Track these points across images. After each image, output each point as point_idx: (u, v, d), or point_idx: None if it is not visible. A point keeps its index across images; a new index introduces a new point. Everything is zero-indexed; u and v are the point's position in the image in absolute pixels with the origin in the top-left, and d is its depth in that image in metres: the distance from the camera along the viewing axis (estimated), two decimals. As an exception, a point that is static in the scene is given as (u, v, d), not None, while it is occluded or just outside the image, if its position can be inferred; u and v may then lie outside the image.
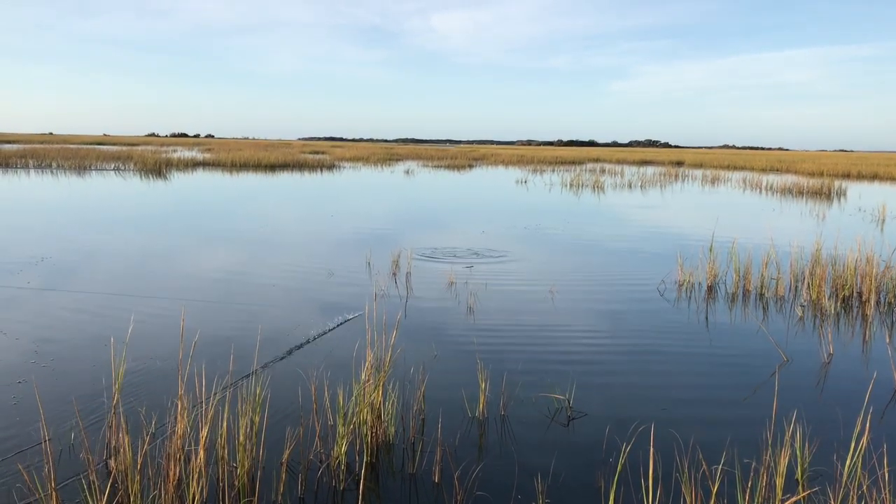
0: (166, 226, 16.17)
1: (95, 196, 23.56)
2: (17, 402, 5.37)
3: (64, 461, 4.48)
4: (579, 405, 5.54)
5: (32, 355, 6.47)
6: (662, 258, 12.61)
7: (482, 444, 4.91)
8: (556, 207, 22.99)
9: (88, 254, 11.90)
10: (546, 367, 6.53)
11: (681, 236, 15.93)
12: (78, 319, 7.75)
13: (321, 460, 4.49)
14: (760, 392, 6.01)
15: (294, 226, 17.00)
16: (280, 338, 7.17)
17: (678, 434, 4.96)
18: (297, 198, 24.79)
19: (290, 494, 4.16)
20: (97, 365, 6.17)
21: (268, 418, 4.81)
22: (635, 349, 7.22)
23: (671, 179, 39.60)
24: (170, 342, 6.90)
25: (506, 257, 12.35)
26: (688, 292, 9.83)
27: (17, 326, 7.38)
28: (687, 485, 3.92)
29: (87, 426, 4.85)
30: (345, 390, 5.09)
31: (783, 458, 4.04)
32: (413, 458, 4.63)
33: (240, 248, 13.02)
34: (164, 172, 34.83)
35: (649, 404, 5.67)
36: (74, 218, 17.19)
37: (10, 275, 9.90)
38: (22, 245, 12.54)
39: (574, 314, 8.60)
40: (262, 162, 42.55)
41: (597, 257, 12.95)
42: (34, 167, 36.56)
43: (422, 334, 7.49)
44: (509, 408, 5.48)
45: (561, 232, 16.42)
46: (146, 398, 5.43)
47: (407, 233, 15.77)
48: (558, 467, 4.52)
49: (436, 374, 6.11)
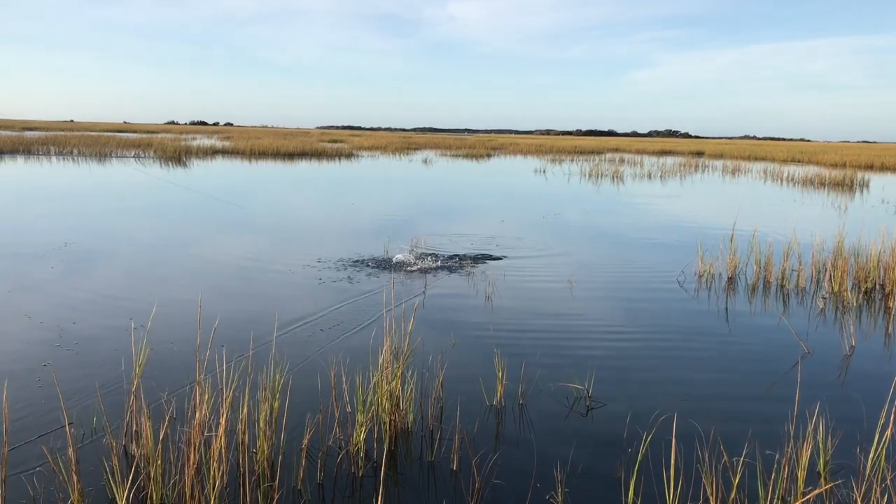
0: (186, 213, 16.27)
1: (116, 183, 23.73)
2: (41, 384, 5.43)
3: (86, 444, 4.52)
4: (598, 395, 5.52)
5: (56, 339, 6.54)
6: (682, 249, 12.52)
7: (500, 432, 4.91)
8: (574, 197, 22.90)
9: (110, 240, 11.99)
10: (564, 356, 6.51)
11: (701, 227, 15.81)
12: (100, 304, 7.81)
13: (340, 447, 4.51)
14: (781, 384, 5.96)
15: (314, 214, 17.05)
16: (299, 324, 7.20)
17: (699, 425, 4.93)
18: (317, 186, 24.84)
19: (310, 480, 4.18)
20: (118, 349, 6.22)
21: (287, 404, 4.83)
22: (655, 340, 7.18)
23: (691, 170, 39.30)
24: (190, 327, 6.94)
25: (524, 246, 12.31)
26: (708, 283, 9.76)
27: (41, 310, 7.46)
28: (708, 476, 3.89)
29: (108, 410, 4.89)
30: (364, 377, 5.10)
31: (805, 450, 4.00)
32: (431, 446, 4.63)
33: (260, 235, 13.07)
34: (183, 160, 35.01)
35: (669, 395, 5.63)
36: (96, 204, 17.32)
37: (35, 260, 9.99)
38: (46, 231, 12.66)
39: (593, 304, 8.56)
40: (280, 150, 42.66)
41: (616, 247, 12.88)
42: (56, 154, 36.86)
43: (440, 323, 7.49)
44: (528, 397, 5.47)
45: (580, 222, 16.36)
46: (167, 383, 5.47)
47: (425, 221, 15.76)
48: (577, 457, 4.51)
49: (454, 362, 6.10)
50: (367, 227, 14.38)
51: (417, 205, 19.81)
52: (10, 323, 7.03)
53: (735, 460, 4.23)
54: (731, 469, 4.10)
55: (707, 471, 4.03)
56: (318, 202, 19.48)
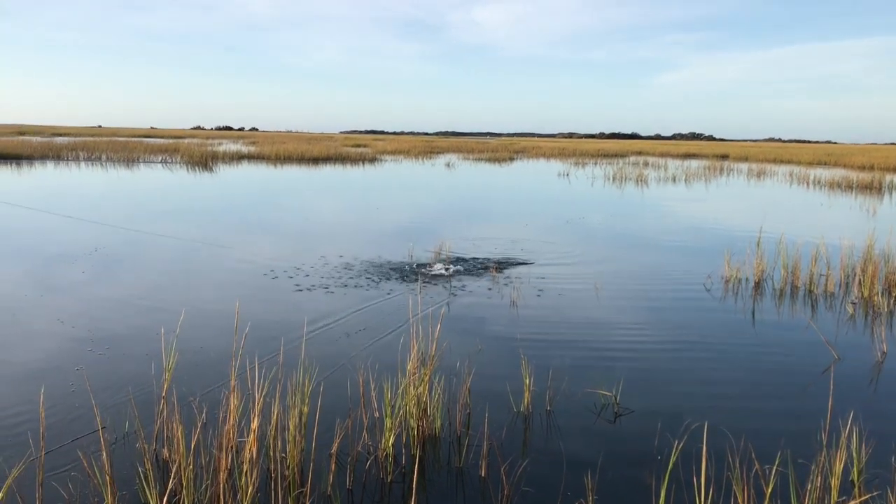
0: (214, 217, 16.41)
1: (144, 188, 24.00)
2: (74, 389, 5.51)
3: (118, 448, 4.58)
4: (626, 402, 5.50)
5: (88, 343, 6.63)
6: (708, 253, 12.44)
7: (528, 439, 4.90)
8: (599, 201, 22.81)
9: (139, 244, 12.13)
10: (591, 362, 6.49)
11: (727, 231, 15.69)
12: (130, 308, 7.91)
13: (369, 452, 4.53)
14: (812, 390, 5.90)
15: (339, 218, 17.13)
16: (326, 330, 7.24)
17: (729, 432, 4.89)
18: (341, 191, 24.96)
19: (340, 486, 4.20)
20: (149, 354, 6.30)
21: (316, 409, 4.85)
22: (682, 346, 7.13)
23: (716, 173, 38.99)
24: (219, 332, 7.01)
25: (549, 251, 12.28)
26: (735, 288, 9.68)
27: (72, 314, 7.57)
28: (739, 484, 3.86)
29: (139, 414, 4.95)
30: (391, 383, 5.12)
31: (839, 459, 3.96)
32: (459, 452, 4.64)
33: (286, 240, 13.16)
34: (210, 165, 35.34)
35: (698, 401, 5.60)
36: (125, 209, 17.53)
37: (66, 264, 10.14)
38: (77, 235, 12.84)
39: (619, 309, 8.53)
40: (305, 155, 42.92)
41: (641, 252, 12.82)
42: (84, 159, 37.37)
43: (465, 328, 7.50)
44: (555, 403, 5.46)
45: (604, 226, 16.29)
46: (197, 387, 5.52)
47: (449, 225, 15.77)
48: (606, 464, 4.49)
49: (480, 368, 6.10)
50: (391, 232, 14.43)
51: (441, 209, 19.84)
52: (42, 327, 7.14)
53: (767, 469, 4.20)
54: (762, 478, 4.06)
55: (738, 479, 4.00)
56: (342, 207, 19.58)
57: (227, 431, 4.00)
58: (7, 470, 4.04)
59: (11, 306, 7.90)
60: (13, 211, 16.38)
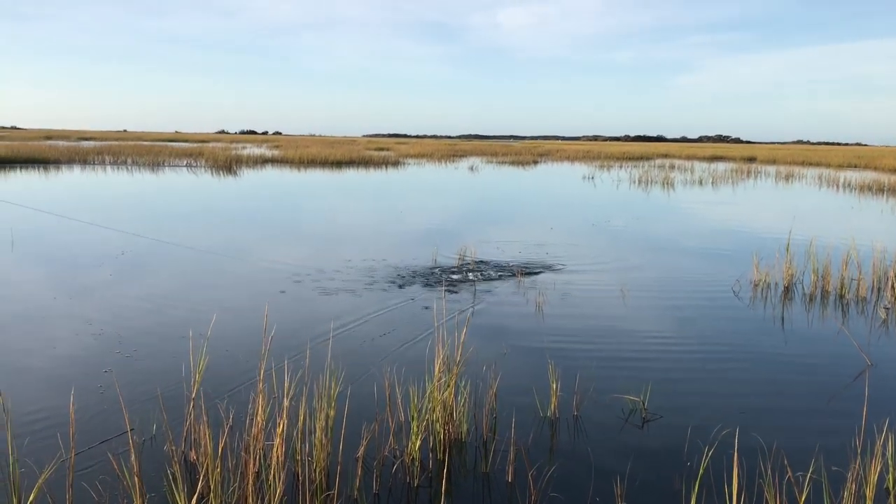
0: (240, 221, 16.52)
1: (169, 191, 24.22)
2: (103, 391, 5.56)
3: (146, 450, 4.61)
4: (654, 407, 5.44)
5: (116, 345, 6.69)
6: (736, 257, 12.30)
7: (555, 444, 4.86)
8: (624, 204, 22.67)
9: (166, 247, 12.23)
10: (618, 367, 6.44)
11: (755, 235, 15.51)
12: (157, 311, 7.97)
13: (395, 456, 4.51)
14: (844, 397, 5.80)
15: (363, 221, 17.17)
16: (352, 334, 7.25)
17: (760, 438, 4.81)
18: (364, 194, 25.03)
19: (366, 490, 4.19)
20: (175, 356, 6.33)
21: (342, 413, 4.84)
22: (710, 350, 7.05)
23: (743, 176, 38.60)
24: (245, 335, 7.03)
25: (574, 254, 12.20)
26: (763, 293, 9.56)
27: (100, 317, 7.64)
28: (770, 491, 3.80)
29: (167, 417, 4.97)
30: (417, 387, 5.09)
31: (873, 467, 3.88)
32: (486, 457, 4.61)
33: (311, 243, 13.21)
34: (234, 169, 35.60)
35: (727, 407, 5.52)
36: (151, 213, 17.71)
37: (94, 268, 10.25)
38: (103, 239, 12.97)
39: (646, 313, 8.45)
40: (328, 159, 43.08)
41: (668, 255, 12.71)
42: (110, 163, 37.80)
43: (491, 332, 7.47)
44: (582, 408, 5.41)
45: (630, 229, 16.18)
46: (225, 390, 5.54)
47: (473, 229, 15.75)
48: (635, 470, 4.44)
49: (506, 372, 6.07)
50: (416, 235, 14.43)
51: (465, 212, 19.82)
52: (70, 330, 7.21)
53: (799, 476, 4.12)
54: (795, 485, 3.99)
55: (770, 486, 3.93)
56: (366, 210, 19.63)
57: (254, 434, 4.01)
58: (38, 471, 4.07)
59: (41, 308, 7.99)
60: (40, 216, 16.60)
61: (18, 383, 5.71)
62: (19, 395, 5.41)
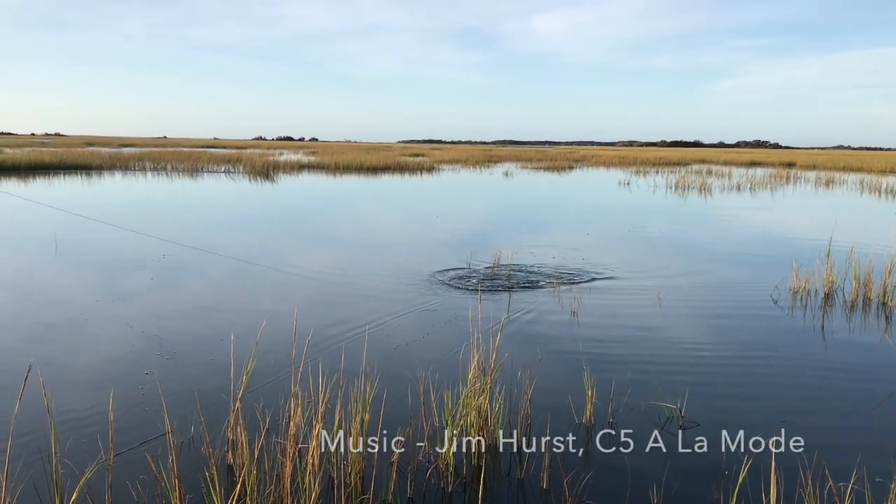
0: (278, 226, 16.68)
1: (208, 197, 24.56)
2: (144, 392, 5.65)
3: (184, 452, 4.67)
4: (691, 415, 5.38)
5: (156, 348, 6.80)
6: (775, 263, 12.11)
7: (590, 451, 4.83)
8: (661, 210, 22.46)
9: (204, 252, 12.40)
10: (654, 374, 6.37)
11: (794, 241, 15.26)
12: (195, 314, 8.09)
13: (430, 461, 4.52)
14: (887, 405, 5.68)
15: (400, 226, 17.25)
16: (387, 337, 7.28)
17: (801, 447, 4.73)
18: (400, 200, 25.14)
19: (401, 494, 4.20)
20: (214, 359, 6.42)
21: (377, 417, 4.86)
22: (749, 358, 6.95)
23: (782, 181, 38.02)
24: (282, 338, 7.10)
25: (610, 260, 12.10)
26: (803, 300, 9.40)
27: (141, 320, 7.77)
28: (811, 501, 3.74)
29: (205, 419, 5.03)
30: (452, 392, 5.09)
31: (918, 478, 3.79)
32: (520, 463, 4.59)
33: (347, 248, 13.29)
34: (271, 175, 35.98)
35: (766, 416, 5.44)
36: (191, 218, 17.97)
37: (135, 271, 10.43)
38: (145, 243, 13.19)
39: (683, 320, 8.36)
40: (364, 165, 43.32)
41: (706, 261, 12.56)
42: (151, 170, 38.44)
43: (525, 338, 7.45)
44: (618, 415, 5.37)
45: (667, 235, 16.02)
46: (261, 394, 5.60)
47: (509, 234, 15.72)
48: (672, 478, 4.39)
49: (541, 378, 6.04)
50: (451, 241, 14.44)
51: (500, 218, 19.80)
52: (113, 332, 7.35)
53: (842, 486, 4.04)
54: (837, 495, 3.92)
55: (811, 496, 3.87)
56: (402, 215, 19.71)
57: (290, 437, 4.04)
58: (79, 471, 4.15)
59: (84, 311, 8.15)
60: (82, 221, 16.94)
61: (62, 384, 5.83)
62: (63, 396, 5.53)
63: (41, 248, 12.40)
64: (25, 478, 4.24)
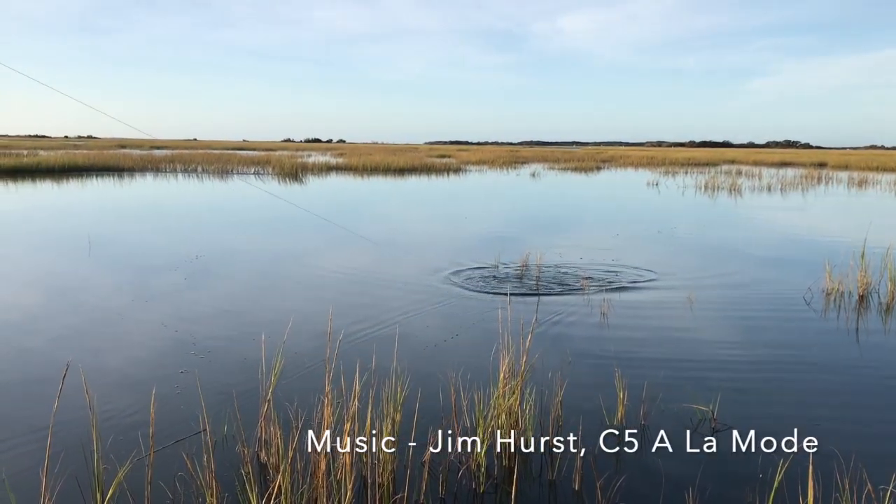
0: (308, 227, 16.78)
1: (239, 198, 24.76)
2: (179, 391, 5.73)
3: (218, 450, 4.73)
4: (724, 417, 5.33)
5: (190, 346, 6.89)
6: (807, 265, 11.96)
7: (622, 453, 4.81)
8: (690, 211, 22.26)
9: (235, 253, 12.54)
10: (686, 376, 6.33)
11: (827, 242, 15.05)
12: (228, 314, 8.17)
13: (461, 462, 4.52)
14: (926, 411, 5.58)
15: (428, 228, 17.27)
16: (415, 337, 7.30)
17: (837, 451, 4.67)
18: (428, 201, 25.17)
19: (433, 494, 4.22)
20: (247, 359, 6.49)
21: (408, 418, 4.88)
22: (782, 360, 6.88)
23: (813, 182, 37.50)
24: (314, 338, 7.15)
25: (640, 261, 12.02)
26: (837, 302, 9.27)
27: (175, 319, 7.87)
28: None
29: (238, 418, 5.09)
30: (482, 393, 5.10)
31: (959, 483, 3.73)
32: (552, 465, 4.59)
33: (376, 249, 13.33)
34: (300, 177, 36.21)
35: (801, 418, 5.38)
36: (221, 219, 18.16)
37: (169, 271, 10.57)
38: (178, 244, 13.37)
39: (714, 322, 8.29)
40: (391, 166, 43.43)
41: (736, 263, 12.42)
42: (181, 171, 38.86)
43: (555, 339, 7.43)
44: (649, 417, 5.34)
45: (697, 236, 15.88)
46: (295, 392, 5.64)
47: (537, 235, 15.68)
48: (705, 480, 4.36)
49: (571, 380, 6.02)
50: (479, 242, 14.43)
51: (528, 219, 19.75)
52: (148, 331, 7.45)
53: (881, 489, 3.99)
54: (875, 499, 3.87)
55: (848, 499, 3.82)
56: (429, 217, 19.74)
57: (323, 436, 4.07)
58: (118, 467, 4.22)
59: (120, 310, 8.27)
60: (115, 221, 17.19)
61: (101, 382, 5.92)
62: (102, 393, 5.61)
63: (75, 248, 12.60)
64: (65, 474, 4.32)
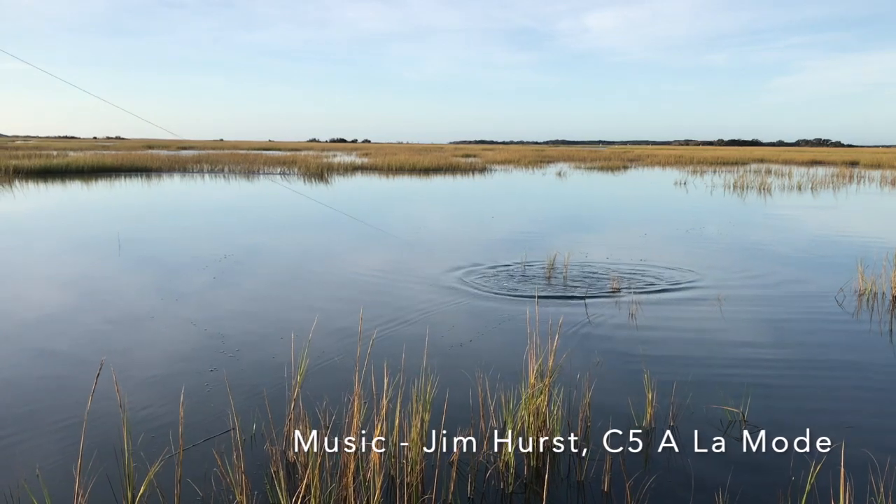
0: (334, 226, 16.85)
1: (266, 197, 24.95)
2: (209, 389, 5.78)
3: (247, 448, 4.77)
4: (754, 419, 5.28)
5: (219, 345, 6.96)
6: (839, 265, 11.78)
7: (651, 454, 4.78)
8: (719, 210, 22.05)
9: (263, 253, 12.63)
10: (715, 377, 6.26)
11: (859, 242, 14.82)
12: (257, 313, 8.23)
13: (489, 462, 4.52)
14: (962, 414, 5.48)
15: (455, 227, 17.27)
16: (442, 336, 7.30)
17: (870, 454, 4.60)
18: (454, 201, 25.18)
19: (461, 494, 4.22)
20: (276, 357, 6.53)
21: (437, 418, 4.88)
22: (813, 361, 6.78)
23: (845, 181, 36.95)
24: (343, 338, 7.18)
25: (668, 261, 11.93)
26: (870, 303, 9.13)
27: (204, 318, 7.95)
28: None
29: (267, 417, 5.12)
30: (511, 393, 5.09)
31: None
32: (580, 466, 4.57)
33: (402, 249, 13.35)
34: (325, 176, 36.39)
35: (833, 420, 5.31)
36: (249, 219, 18.30)
37: (198, 270, 10.67)
38: (206, 243, 13.50)
39: (744, 322, 8.20)
40: (416, 166, 43.49)
41: (767, 263, 12.28)
42: (208, 171, 39.21)
43: (583, 340, 7.39)
44: (678, 419, 5.30)
45: (726, 235, 15.72)
46: (325, 393, 5.67)
47: (564, 234, 15.61)
48: (736, 483, 4.32)
49: (600, 381, 6.00)
50: (505, 241, 14.40)
51: (555, 218, 19.67)
52: (178, 330, 7.53)
53: (915, 496, 3.93)
54: (910, 505, 3.81)
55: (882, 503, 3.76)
56: (455, 217, 19.73)
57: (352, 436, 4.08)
58: (148, 465, 4.26)
59: (150, 309, 8.37)
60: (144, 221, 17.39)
61: (132, 381, 5.99)
62: (133, 392, 5.69)
63: (105, 248, 12.77)
64: (98, 471, 4.38)
